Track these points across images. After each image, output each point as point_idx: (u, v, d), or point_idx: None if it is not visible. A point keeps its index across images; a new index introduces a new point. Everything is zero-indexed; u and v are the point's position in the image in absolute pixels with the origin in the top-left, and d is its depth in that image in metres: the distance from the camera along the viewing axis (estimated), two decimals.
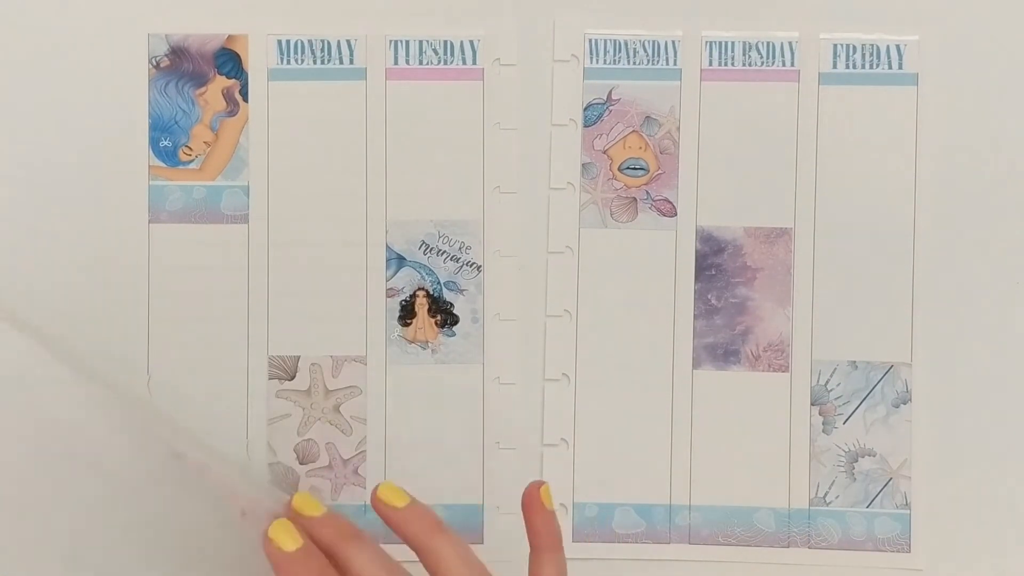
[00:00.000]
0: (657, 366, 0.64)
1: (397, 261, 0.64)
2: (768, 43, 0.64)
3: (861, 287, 0.63)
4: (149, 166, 0.64)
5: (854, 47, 0.63)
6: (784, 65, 0.64)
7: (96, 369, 0.61)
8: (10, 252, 0.64)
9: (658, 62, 0.64)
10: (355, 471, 0.64)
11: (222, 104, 0.64)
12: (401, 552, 0.63)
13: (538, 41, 0.64)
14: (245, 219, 0.64)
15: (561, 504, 0.63)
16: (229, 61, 0.64)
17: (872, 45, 0.63)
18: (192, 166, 0.64)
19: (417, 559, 0.51)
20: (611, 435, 0.63)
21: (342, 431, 0.64)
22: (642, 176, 0.64)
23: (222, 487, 0.53)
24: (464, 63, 0.64)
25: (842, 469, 0.63)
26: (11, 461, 0.53)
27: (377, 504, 0.52)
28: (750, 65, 0.64)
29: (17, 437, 0.52)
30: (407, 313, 0.64)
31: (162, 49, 0.64)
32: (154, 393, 0.63)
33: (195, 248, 0.64)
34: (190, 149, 0.64)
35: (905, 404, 0.63)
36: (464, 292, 0.64)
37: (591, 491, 0.63)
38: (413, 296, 0.64)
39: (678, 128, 0.64)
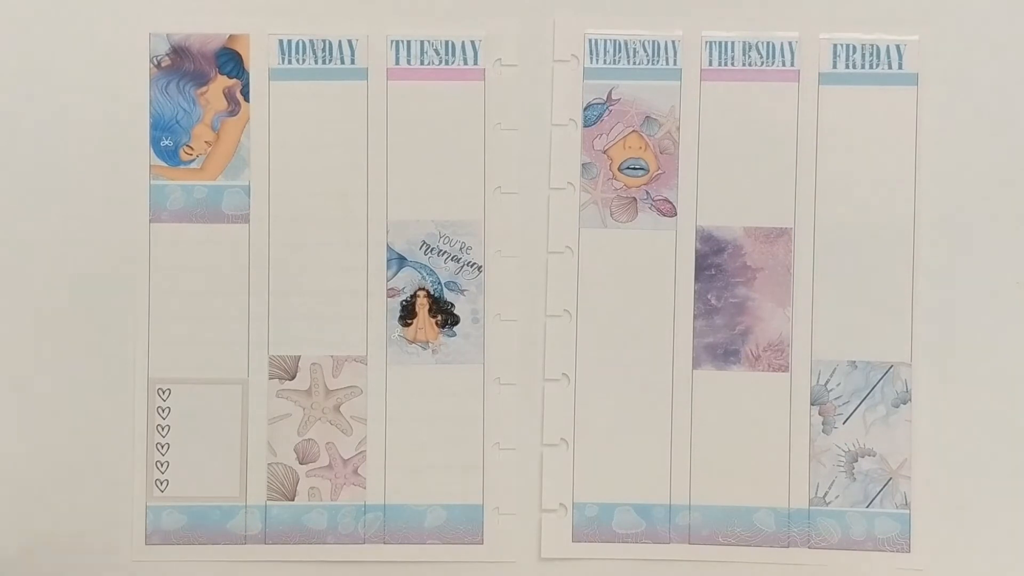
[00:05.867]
0: (657, 366, 0.64)
1: (398, 261, 0.64)
2: (768, 43, 0.64)
3: (861, 287, 0.63)
4: (150, 165, 0.64)
5: (854, 47, 0.63)
6: (784, 65, 0.64)
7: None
8: (10, 251, 0.64)
9: (658, 62, 0.64)
10: (355, 471, 0.64)
11: (223, 104, 0.64)
12: (389, 553, 0.63)
13: (538, 41, 0.64)
14: (246, 219, 0.64)
15: (561, 504, 0.63)
16: (230, 61, 0.64)
17: (872, 45, 0.63)
18: (193, 166, 0.64)
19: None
20: (611, 435, 0.63)
21: (342, 431, 0.64)
22: (642, 176, 0.64)
23: None
24: (465, 63, 0.64)
25: (842, 469, 0.63)
26: None
27: None
28: (750, 65, 0.64)
29: None
30: (408, 313, 0.64)
31: (163, 48, 0.64)
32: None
33: (195, 248, 0.64)
34: (191, 148, 0.64)
35: (905, 404, 0.63)
36: (465, 292, 0.64)
37: (591, 491, 0.63)
38: (414, 296, 0.64)
39: (678, 128, 0.64)
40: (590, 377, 0.64)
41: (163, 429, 0.64)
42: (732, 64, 0.64)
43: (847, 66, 0.63)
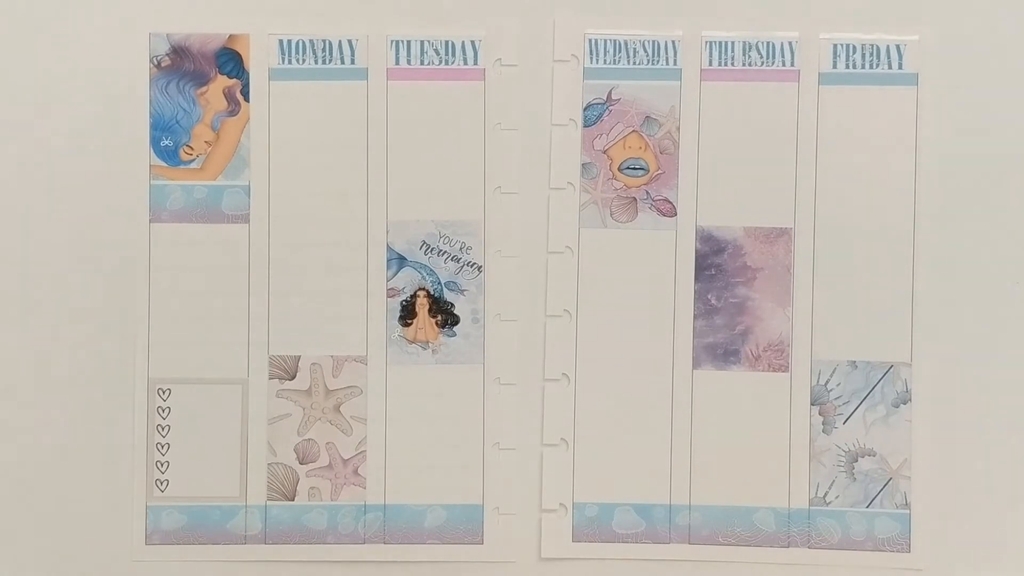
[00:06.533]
0: (657, 366, 0.64)
1: (398, 261, 0.64)
2: (768, 43, 0.64)
3: (861, 287, 0.63)
4: (150, 165, 0.64)
5: (854, 47, 0.63)
6: (784, 65, 0.64)
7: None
8: (10, 251, 0.64)
9: (658, 62, 0.64)
10: (355, 471, 0.64)
11: (223, 104, 0.64)
12: (389, 553, 0.63)
13: (538, 41, 0.64)
14: (246, 219, 0.64)
15: (561, 504, 0.63)
16: (230, 61, 0.64)
17: (872, 45, 0.63)
18: (193, 166, 0.64)
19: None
20: (611, 435, 0.63)
21: (342, 431, 0.64)
22: (642, 176, 0.64)
23: None
24: (465, 63, 0.64)
25: (842, 469, 0.63)
26: None
27: None
28: (750, 65, 0.64)
29: None
30: (408, 313, 0.64)
31: (163, 48, 0.64)
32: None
33: (195, 248, 0.64)
34: (191, 148, 0.64)
35: (905, 404, 0.63)
36: (465, 292, 0.64)
37: (591, 491, 0.63)
38: (414, 296, 0.64)
39: (678, 128, 0.64)
40: (590, 377, 0.64)
41: (163, 429, 0.64)
42: (732, 64, 0.64)
43: (847, 66, 0.63)
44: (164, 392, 0.64)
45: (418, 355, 0.64)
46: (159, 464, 0.64)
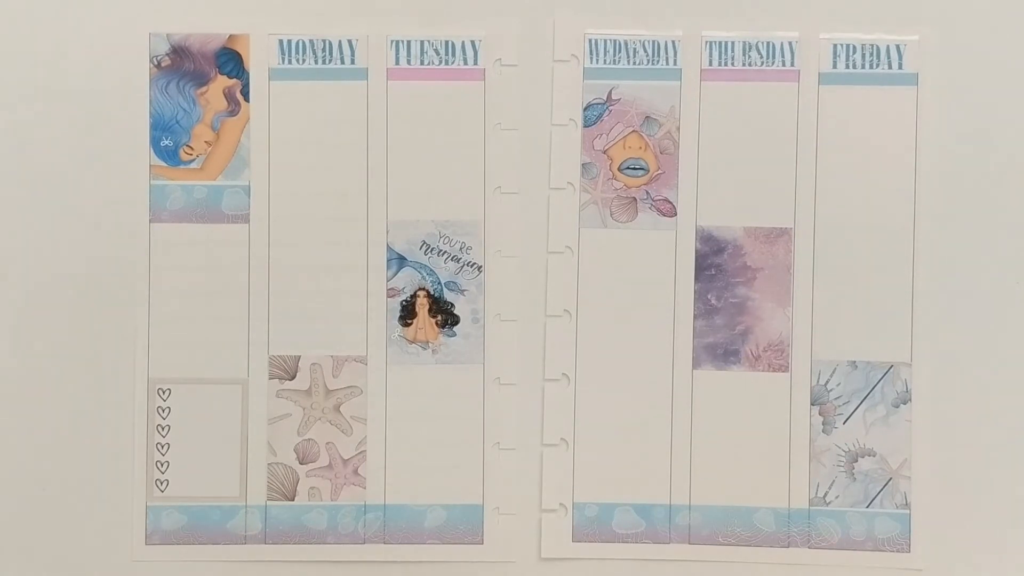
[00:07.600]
0: (657, 366, 0.64)
1: (398, 261, 0.64)
2: (768, 43, 0.64)
3: (861, 287, 0.63)
4: (150, 165, 0.64)
5: (854, 47, 0.64)
6: (784, 65, 0.64)
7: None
8: (10, 251, 0.64)
9: (658, 62, 0.64)
10: (355, 471, 0.64)
11: (223, 104, 0.64)
12: (389, 553, 0.63)
13: (538, 41, 0.64)
14: (246, 219, 0.64)
15: (561, 504, 0.63)
16: (230, 61, 0.64)
17: (872, 45, 0.63)
18: (193, 165, 0.64)
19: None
20: (611, 435, 0.63)
21: (342, 431, 0.64)
22: (642, 176, 0.64)
23: None
24: (465, 63, 0.64)
25: (842, 469, 0.63)
26: None
27: None
28: (750, 65, 0.64)
29: None
30: (408, 313, 0.64)
31: (163, 48, 0.64)
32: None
33: (195, 248, 0.64)
34: (191, 148, 0.64)
35: (905, 404, 0.63)
36: (465, 292, 0.64)
37: (591, 491, 0.63)
38: (414, 296, 0.64)
39: (678, 128, 0.64)
40: (590, 377, 0.64)
41: (163, 429, 0.64)
42: (732, 64, 0.64)
43: (847, 66, 0.63)
44: (164, 392, 0.64)
45: (418, 355, 0.64)
46: (159, 464, 0.64)
